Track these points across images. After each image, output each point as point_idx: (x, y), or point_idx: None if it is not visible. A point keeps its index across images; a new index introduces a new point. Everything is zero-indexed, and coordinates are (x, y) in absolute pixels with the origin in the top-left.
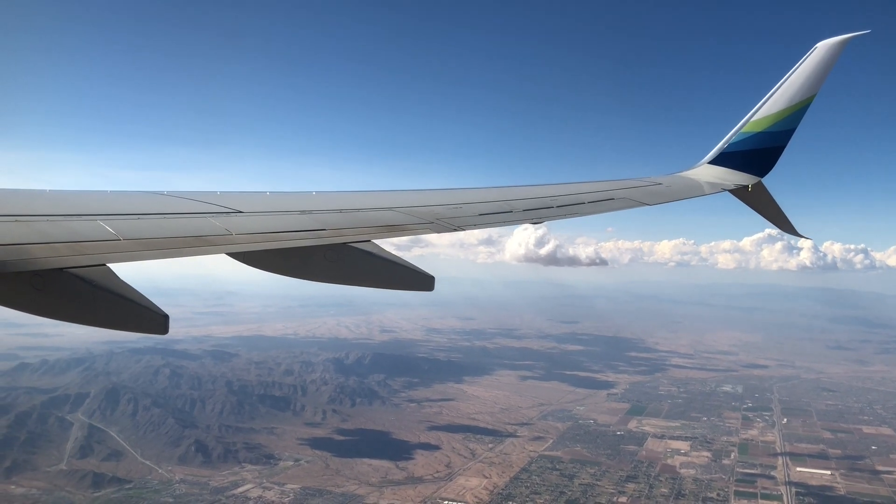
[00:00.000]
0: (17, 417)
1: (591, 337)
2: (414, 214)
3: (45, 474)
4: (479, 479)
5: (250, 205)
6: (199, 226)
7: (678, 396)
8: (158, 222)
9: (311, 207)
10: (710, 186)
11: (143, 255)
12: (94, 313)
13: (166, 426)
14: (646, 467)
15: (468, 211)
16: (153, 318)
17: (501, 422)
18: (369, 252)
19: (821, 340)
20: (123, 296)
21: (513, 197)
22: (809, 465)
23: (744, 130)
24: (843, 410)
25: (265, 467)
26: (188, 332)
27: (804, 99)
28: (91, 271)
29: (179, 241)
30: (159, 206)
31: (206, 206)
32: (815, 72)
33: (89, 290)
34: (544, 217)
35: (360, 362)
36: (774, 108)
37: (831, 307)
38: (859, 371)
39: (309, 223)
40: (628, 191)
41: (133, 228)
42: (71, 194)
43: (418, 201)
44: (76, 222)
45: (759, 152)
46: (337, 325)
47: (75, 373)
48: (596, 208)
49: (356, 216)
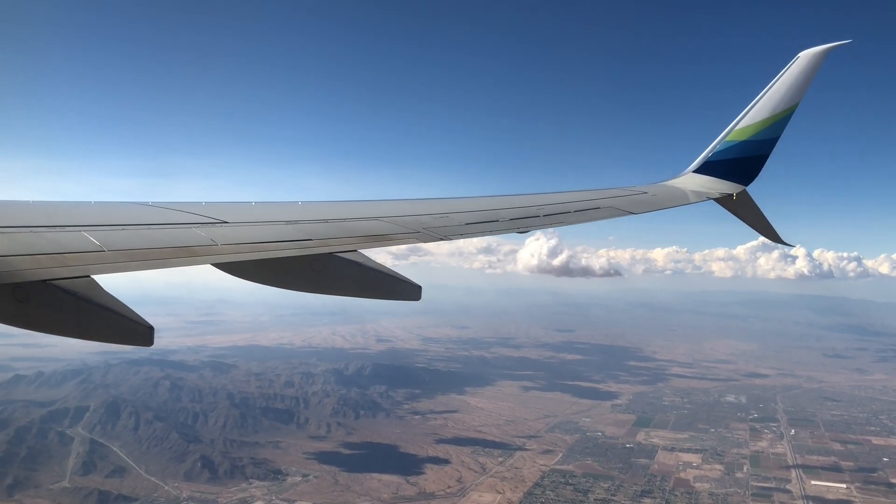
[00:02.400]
0: (17, 432)
1: (588, 346)
2: (400, 224)
3: (48, 492)
4: (493, 495)
5: (235, 215)
6: (184, 236)
7: (683, 407)
8: (143, 233)
9: (296, 218)
10: (694, 195)
11: (128, 267)
12: (79, 325)
13: (170, 441)
14: (659, 481)
15: (454, 220)
16: (138, 329)
17: (509, 434)
18: (355, 262)
19: (817, 349)
20: (108, 307)
21: (499, 206)
22: (824, 478)
23: (728, 139)
24: (849, 421)
25: (273, 483)
26: (182, 341)
27: (787, 108)
28: (75, 283)
29: (164, 252)
30: (144, 217)
31: (190, 216)
32: (797, 81)
33: (73, 302)
34: (530, 226)
35: (361, 373)
36: (758, 116)
37: (824, 315)
38: (860, 380)
39: (294, 233)
40: (614, 199)
41: (118, 239)
42: (54, 205)
43: (404, 211)
44: (60, 233)
45: (743, 161)
46: (332, 335)
47: (72, 385)
48: (582, 217)
49: (342, 226)
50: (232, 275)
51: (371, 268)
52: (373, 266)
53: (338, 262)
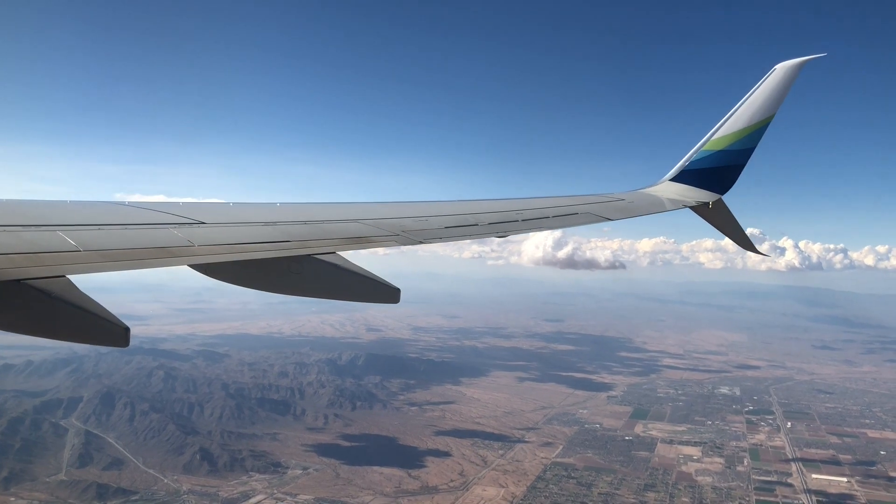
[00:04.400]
0: (10, 423)
1: (578, 336)
2: (380, 227)
3: (45, 485)
4: (496, 489)
5: (213, 216)
6: (160, 237)
7: (678, 399)
8: (119, 233)
9: (275, 219)
10: (671, 203)
11: (104, 267)
12: (54, 326)
13: (167, 432)
14: (661, 475)
15: (434, 224)
16: (114, 330)
17: (507, 426)
18: (334, 264)
19: (805, 340)
20: (83, 308)
21: (478, 210)
22: (824, 471)
23: (705, 148)
24: (843, 413)
25: (273, 476)
26: (171, 329)
27: (763, 119)
28: (50, 283)
29: (141, 253)
30: (120, 217)
31: (168, 216)
32: (773, 92)
33: (48, 301)
34: (509, 231)
35: (354, 363)
36: (734, 127)
37: (809, 306)
38: (850, 372)
39: (273, 235)
40: (592, 206)
41: (93, 239)
42: (29, 204)
43: (384, 213)
44: (35, 233)
45: (719, 170)
46: (321, 324)
47: (63, 374)
48: (560, 223)
49: (321, 228)
50: (209, 276)
51: (350, 270)
52: (351, 269)
53: (316, 265)
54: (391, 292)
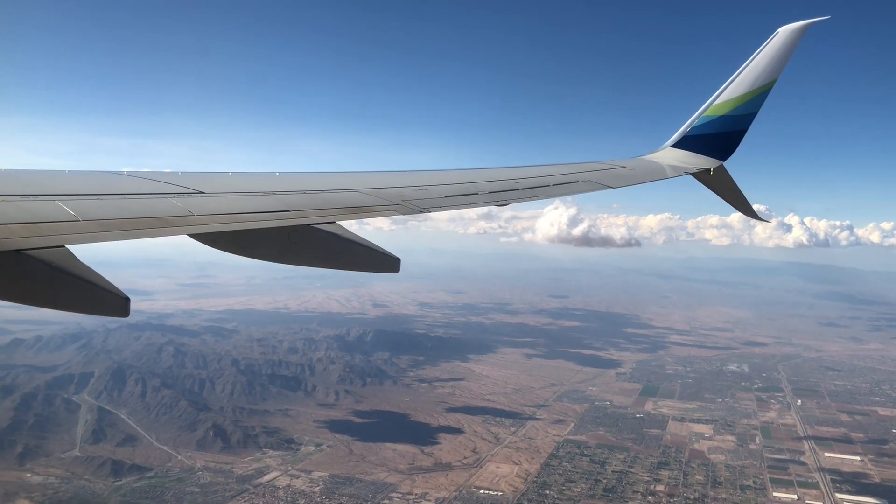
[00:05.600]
0: (23, 399)
1: (584, 312)
2: (379, 196)
3: (59, 461)
4: (510, 466)
5: (212, 185)
6: (160, 206)
7: (687, 376)
8: (118, 203)
9: (274, 188)
10: (672, 170)
11: (103, 237)
12: (54, 296)
13: (179, 409)
14: (674, 453)
15: (434, 193)
16: (114, 300)
17: (518, 403)
18: (334, 234)
19: (811, 317)
20: (83, 278)
21: (478, 179)
22: (836, 450)
23: (706, 114)
24: (852, 391)
25: (287, 453)
26: (177, 304)
27: (766, 83)
28: (49, 253)
29: (140, 223)
30: (119, 187)
31: (167, 186)
32: (776, 56)
33: (48, 272)
34: (509, 199)
35: (362, 339)
36: (736, 91)
37: (813, 283)
38: (857, 349)
39: (273, 204)
40: (592, 174)
41: (92, 209)
42: (27, 173)
43: (384, 182)
44: (33, 203)
45: (721, 136)
46: (327, 299)
47: (73, 349)
48: (560, 191)
49: (320, 197)
50: (209, 245)
51: (349, 240)
52: (351, 238)
53: (316, 234)
54: (391, 262)
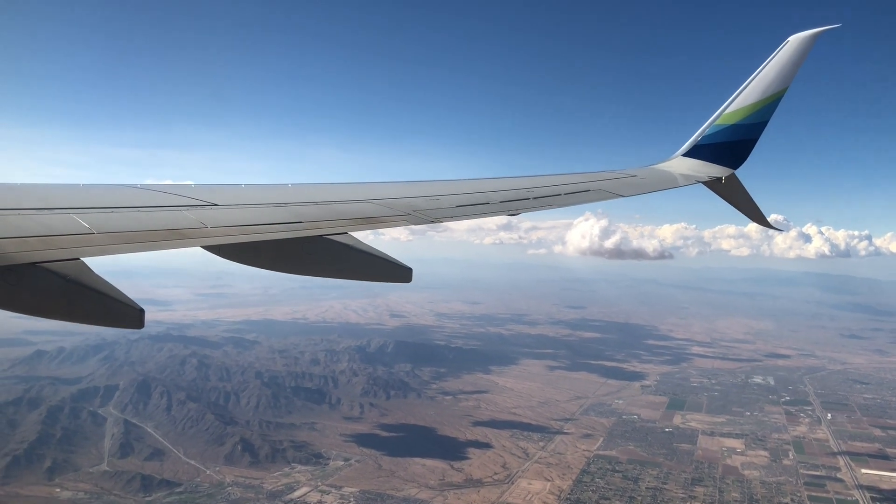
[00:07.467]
0: (49, 412)
1: (603, 323)
2: (391, 206)
3: (88, 476)
4: (542, 483)
5: (225, 197)
6: (173, 219)
7: (713, 389)
8: (132, 215)
9: (286, 200)
10: (683, 178)
11: (118, 249)
12: (69, 308)
13: (205, 422)
14: (707, 468)
15: (445, 203)
16: (129, 312)
17: (544, 417)
18: (346, 244)
19: (832, 328)
20: (98, 290)
21: (489, 189)
22: (873, 466)
23: (717, 123)
24: (882, 405)
25: (316, 468)
26: (195, 315)
27: (776, 92)
28: (64, 266)
29: (154, 235)
30: (133, 200)
31: (180, 199)
32: (787, 65)
33: (63, 284)
34: (521, 209)
35: (383, 350)
36: (747, 100)
37: (832, 293)
38: (882, 362)
39: (285, 216)
40: (604, 182)
41: (107, 222)
42: (42, 187)
43: (395, 193)
44: (48, 216)
45: (732, 144)
46: (344, 309)
47: (96, 362)
48: (572, 200)
49: (332, 208)
50: (222, 257)
51: (362, 250)
52: (364, 248)
53: (328, 245)
54: (403, 272)
